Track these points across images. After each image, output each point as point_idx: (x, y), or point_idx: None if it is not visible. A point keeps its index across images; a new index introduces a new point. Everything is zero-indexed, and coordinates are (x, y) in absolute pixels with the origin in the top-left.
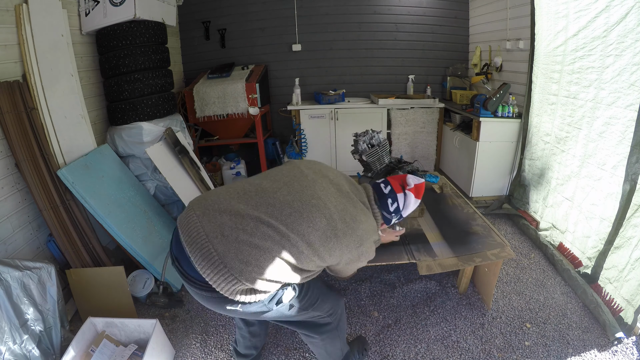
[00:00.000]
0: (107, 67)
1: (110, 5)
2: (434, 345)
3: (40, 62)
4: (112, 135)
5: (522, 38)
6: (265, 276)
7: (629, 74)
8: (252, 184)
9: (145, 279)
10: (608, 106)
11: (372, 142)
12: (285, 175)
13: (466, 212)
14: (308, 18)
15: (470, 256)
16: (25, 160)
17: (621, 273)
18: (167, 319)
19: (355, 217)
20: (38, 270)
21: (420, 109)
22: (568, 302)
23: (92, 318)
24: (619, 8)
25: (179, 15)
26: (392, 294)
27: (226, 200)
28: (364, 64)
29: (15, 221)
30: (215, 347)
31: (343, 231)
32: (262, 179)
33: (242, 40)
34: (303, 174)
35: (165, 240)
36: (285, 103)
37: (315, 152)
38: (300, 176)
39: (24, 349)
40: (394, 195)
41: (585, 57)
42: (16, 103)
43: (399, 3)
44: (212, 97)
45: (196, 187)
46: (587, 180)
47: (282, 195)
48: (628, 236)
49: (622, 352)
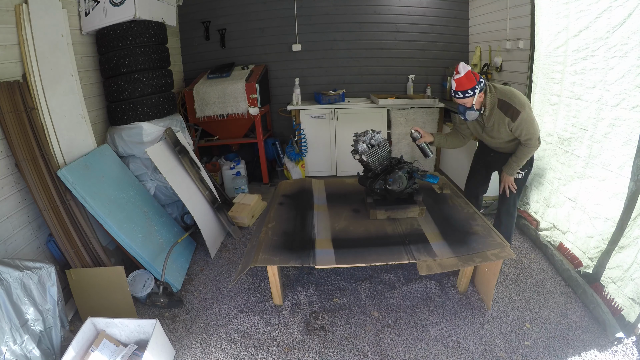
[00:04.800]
0: (107, 67)
1: (110, 5)
2: (434, 345)
3: (40, 62)
4: (112, 135)
5: (522, 38)
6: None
7: (634, 76)
8: None
9: (145, 279)
10: (613, 107)
11: (372, 142)
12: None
13: (466, 212)
14: (308, 18)
15: (470, 256)
16: (25, 160)
17: (626, 272)
18: (167, 319)
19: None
20: (38, 270)
21: (420, 109)
22: (568, 302)
23: (92, 318)
24: (621, 9)
25: (179, 15)
26: (392, 294)
27: None
28: (364, 64)
29: (15, 221)
30: (215, 347)
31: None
32: None
33: (242, 40)
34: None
35: (165, 240)
36: (285, 103)
37: (315, 152)
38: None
39: (24, 349)
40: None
41: (588, 58)
42: (16, 103)
43: (399, 3)
44: (212, 97)
45: (196, 187)
46: (591, 180)
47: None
48: (634, 236)
49: (622, 352)
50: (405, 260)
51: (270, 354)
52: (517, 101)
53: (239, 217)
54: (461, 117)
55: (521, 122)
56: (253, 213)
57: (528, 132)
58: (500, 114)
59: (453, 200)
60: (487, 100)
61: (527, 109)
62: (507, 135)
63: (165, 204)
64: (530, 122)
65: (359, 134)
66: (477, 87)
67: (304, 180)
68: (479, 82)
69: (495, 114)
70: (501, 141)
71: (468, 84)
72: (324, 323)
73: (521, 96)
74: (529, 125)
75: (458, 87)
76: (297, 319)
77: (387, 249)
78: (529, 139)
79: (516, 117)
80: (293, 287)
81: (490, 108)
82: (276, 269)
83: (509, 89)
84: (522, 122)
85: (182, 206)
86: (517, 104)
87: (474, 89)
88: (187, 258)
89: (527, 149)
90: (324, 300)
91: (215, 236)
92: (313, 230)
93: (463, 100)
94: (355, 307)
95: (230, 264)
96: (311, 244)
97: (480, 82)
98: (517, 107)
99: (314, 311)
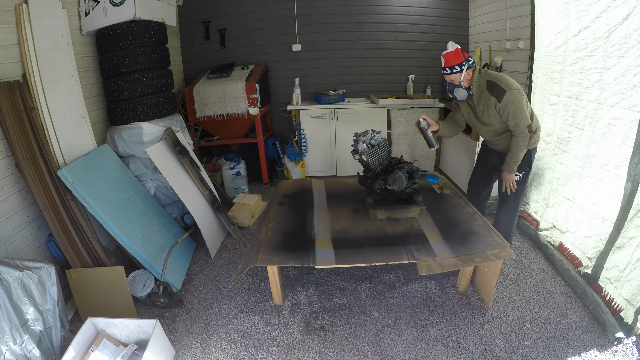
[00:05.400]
0: (107, 67)
1: (110, 5)
2: (434, 345)
3: (40, 62)
4: (112, 135)
5: (522, 38)
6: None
7: (632, 75)
8: None
9: (145, 279)
10: (611, 107)
11: (372, 142)
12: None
13: (466, 212)
14: (308, 18)
15: (470, 256)
16: (25, 160)
17: (622, 273)
18: (167, 319)
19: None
20: (38, 270)
21: (420, 109)
22: (568, 302)
23: (92, 318)
24: (620, 9)
25: (179, 15)
26: (392, 294)
27: None
28: (364, 64)
29: (15, 221)
30: (215, 347)
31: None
32: None
33: (242, 40)
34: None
35: (165, 240)
36: (285, 103)
37: (315, 152)
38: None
39: (25, 349)
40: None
41: (587, 57)
42: (16, 103)
43: (399, 3)
44: (212, 97)
45: (196, 187)
46: (589, 180)
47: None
48: (630, 236)
49: (622, 352)
50: (405, 260)
51: (270, 354)
52: (504, 82)
53: (239, 217)
54: (453, 98)
55: (507, 103)
56: (253, 213)
57: (515, 117)
58: (488, 95)
59: (453, 200)
60: (475, 79)
61: (514, 90)
62: (498, 121)
63: (165, 204)
64: (518, 104)
65: (359, 134)
66: (464, 63)
67: (304, 180)
68: (467, 59)
69: (485, 96)
70: (493, 130)
71: (455, 59)
72: (324, 323)
73: (511, 80)
74: (516, 108)
75: (446, 63)
76: (297, 319)
77: (387, 249)
78: (517, 125)
79: (501, 97)
80: (293, 287)
81: (478, 89)
82: (276, 269)
83: (500, 74)
84: (509, 104)
85: (182, 206)
86: (504, 84)
87: (461, 65)
88: (187, 258)
89: (517, 140)
90: (324, 300)
91: (215, 236)
92: (313, 230)
93: (451, 76)
94: (355, 307)
95: (230, 264)
96: (311, 244)
97: (469, 60)
98: (503, 87)
99: (314, 311)
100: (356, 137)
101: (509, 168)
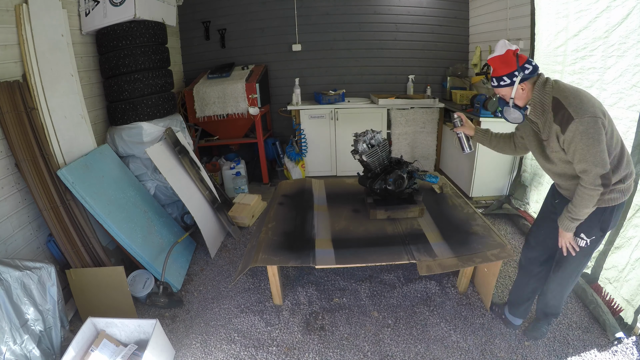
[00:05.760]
0: (107, 67)
1: (110, 5)
2: (433, 345)
3: (40, 62)
4: (112, 135)
5: (522, 38)
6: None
7: (631, 75)
8: None
9: (145, 279)
10: (610, 107)
11: (372, 142)
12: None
13: (466, 212)
14: (308, 18)
15: (470, 256)
16: (25, 160)
17: (621, 273)
18: (167, 319)
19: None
20: (38, 270)
21: (420, 109)
22: (568, 302)
23: (92, 318)
24: (620, 9)
25: (179, 15)
26: (392, 294)
27: None
28: (364, 64)
29: (15, 221)
30: (215, 347)
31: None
32: None
33: (242, 40)
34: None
35: (165, 240)
36: (285, 103)
37: (315, 152)
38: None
39: (25, 349)
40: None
41: (587, 57)
42: (16, 103)
43: (399, 3)
44: (212, 97)
45: (196, 187)
46: None
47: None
48: (629, 236)
49: (622, 352)
50: (405, 261)
51: (270, 354)
52: (575, 102)
53: (239, 217)
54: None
55: (574, 136)
56: (253, 213)
57: (584, 158)
58: (552, 120)
59: (453, 200)
60: (535, 96)
61: (587, 118)
62: (561, 160)
63: (165, 204)
64: (590, 140)
65: (359, 134)
66: (516, 73)
67: (304, 180)
68: (522, 67)
69: (549, 121)
70: (555, 171)
71: (503, 68)
72: (324, 323)
73: (588, 100)
74: (587, 145)
75: (493, 72)
76: (297, 319)
77: (387, 249)
78: (584, 172)
79: (566, 126)
80: (293, 287)
81: (540, 110)
82: (276, 269)
83: (574, 88)
84: (576, 138)
85: (182, 206)
86: (574, 107)
87: (512, 75)
88: (187, 258)
89: (583, 190)
90: (324, 300)
91: (215, 236)
92: (313, 230)
93: (500, 90)
94: (355, 307)
95: (230, 264)
96: (311, 244)
97: (526, 67)
98: (571, 111)
99: (314, 311)
100: (356, 137)
101: (563, 225)
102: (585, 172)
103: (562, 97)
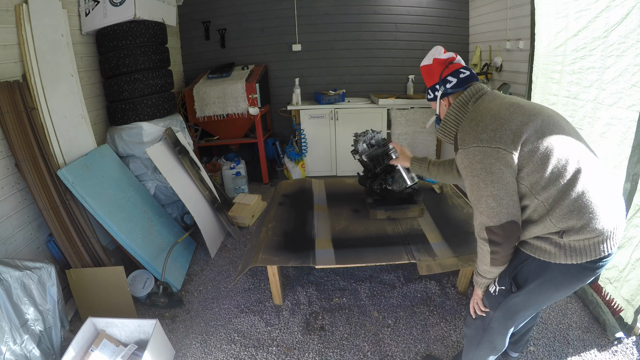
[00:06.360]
0: (107, 67)
1: (110, 5)
2: (434, 345)
3: (40, 62)
4: (112, 135)
5: (522, 38)
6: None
7: (630, 75)
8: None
9: (145, 279)
10: (609, 107)
11: (372, 142)
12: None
13: (466, 212)
14: (308, 18)
15: (470, 256)
16: (25, 160)
17: (621, 273)
18: (167, 319)
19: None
20: (38, 270)
21: (420, 109)
22: (568, 302)
23: (92, 318)
24: (619, 8)
25: (179, 15)
26: (392, 294)
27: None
28: (364, 64)
29: (15, 221)
30: (215, 347)
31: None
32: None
33: (242, 40)
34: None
35: (165, 240)
36: (285, 103)
37: (315, 152)
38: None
39: (24, 349)
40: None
41: (586, 57)
42: (16, 103)
43: (399, 3)
44: (212, 97)
45: (196, 187)
46: None
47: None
48: (629, 236)
49: (622, 352)
50: (405, 261)
51: (270, 354)
52: (467, 128)
53: (239, 217)
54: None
55: (461, 170)
56: (253, 213)
57: (470, 199)
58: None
59: (453, 200)
60: (448, 114)
61: (472, 148)
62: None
63: (165, 204)
64: (475, 179)
65: (359, 134)
66: (437, 87)
67: (304, 180)
68: (444, 80)
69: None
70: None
71: (427, 79)
72: (324, 323)
73: (484, 125)
74: (471, 184)
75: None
76: (297, 319)
77: (387, 249)
78: (474, 217)
79: (456, 153)
80: (293, 287)
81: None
82: (276, 269)
83: (486, 109)
84: (462, 172)
85: (182, 206)
86: (463, 133)
87: (434, 89)
88: (187, 258)
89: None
90: (324, 300)
91: (215, 236)
92: (313, 230)
93: (430, 103)
94: (355, 307)
95: (230, 264)
96: (311, 244)
97: (448, 81)
98: (458, 139)
99: (313, 311)
100: (356, 137)
101: (474, 276)
102: (474, 218)
103: (466, 120)
